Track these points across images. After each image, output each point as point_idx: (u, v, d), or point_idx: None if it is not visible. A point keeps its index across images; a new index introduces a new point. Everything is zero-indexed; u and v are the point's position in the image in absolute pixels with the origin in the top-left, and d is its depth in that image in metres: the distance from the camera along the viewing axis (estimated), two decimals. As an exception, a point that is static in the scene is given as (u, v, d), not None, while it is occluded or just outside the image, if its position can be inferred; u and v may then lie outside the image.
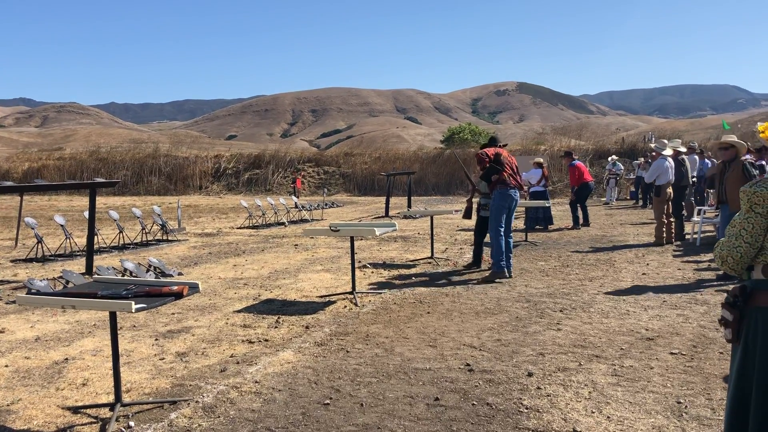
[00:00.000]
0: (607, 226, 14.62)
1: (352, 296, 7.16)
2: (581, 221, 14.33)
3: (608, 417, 3.74)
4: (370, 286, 7.89)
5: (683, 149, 12.18)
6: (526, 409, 3.90)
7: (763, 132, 2.91)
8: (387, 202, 18.75)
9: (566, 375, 4.49)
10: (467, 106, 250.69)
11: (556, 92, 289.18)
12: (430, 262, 9.66)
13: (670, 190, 11.09)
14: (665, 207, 11.15)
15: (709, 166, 15.42)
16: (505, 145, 8.64)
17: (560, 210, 17.66)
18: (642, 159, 21.20)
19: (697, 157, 15.39)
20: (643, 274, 8.37)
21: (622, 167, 24.31)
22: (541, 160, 15.14)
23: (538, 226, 13.90)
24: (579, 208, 14.38)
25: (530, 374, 4.51)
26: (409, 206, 18.98)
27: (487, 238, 8.61)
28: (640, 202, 20.83)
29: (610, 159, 23.89)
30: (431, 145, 51.63)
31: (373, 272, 8.93)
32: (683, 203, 12.04)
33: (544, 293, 7.28)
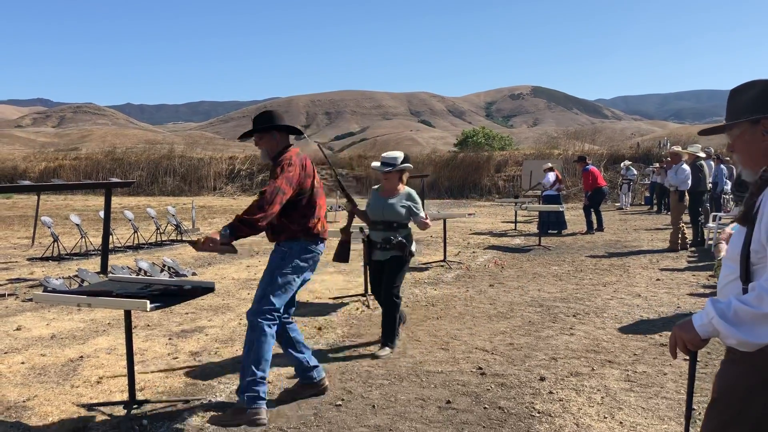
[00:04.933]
0: (621, 231, 14.54)
1: (364, 298, 7.17)
2: (595, 226, 14.26)
3: (621, 422, 3.73)
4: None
5: (702, 154, 12.09)
6: (538, 413, 3.90)
7: None
8: (400, 205, 18.72)
9: (579, 380, 4.48)
10: (481, 110, 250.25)
11: (571, 96, 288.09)
12: (442, 266, 9.65)
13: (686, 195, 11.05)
14: (683, 213, 11.11)
15: (725, 171, 15.30)
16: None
17: (574, 215, 17.58)
18: (657, 164, 21.07)
19: (713, 162, 15.28)
20: (657, 279, 8.32)
21: (636, 172, 24.16)
22: (550, 164, 15.08)
23: (551, 231, 13.84)
24: (593, 213, 14.32)
25: (542, 378, 4.50)
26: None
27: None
28: (655, 208, 20.70)
29: (623, 164, 23.76)
30: (445, 149, 51.57)
31: (385, 275, 8.93)
32: (700, 209, 11.95)
33: (557, 298, 7.26)
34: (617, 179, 24.72)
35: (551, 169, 14.52)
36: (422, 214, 5.24)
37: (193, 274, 8.97)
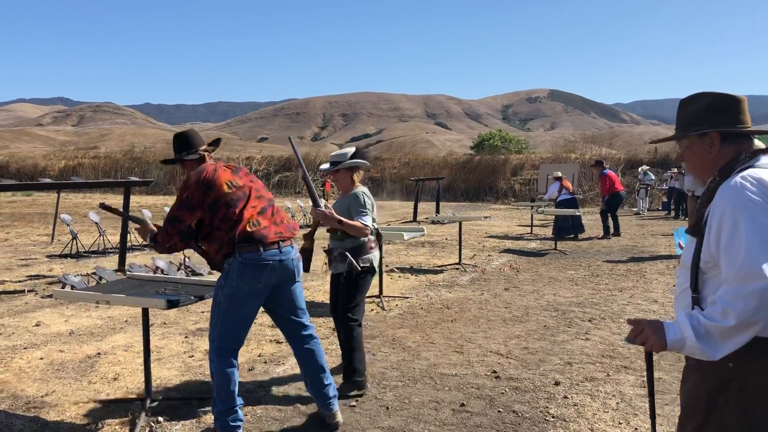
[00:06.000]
0: (638, 236, 14.43)
1: (379, 300, 7.18)
2: (612, 231, 14.16)
3: (636, 429, 3.71)
4: (398, 291, 7.90)
5: None
6: (553, 417, 3.88)
7: None
8: (415, 207, 18.76)
9: (594, 385, 4.45)
10: (498, 113, 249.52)
11: (589, 100, 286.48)
12: (457, 268, 9.64)
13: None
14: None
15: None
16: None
17: (590, 219, 17.48)
18: (675, 169, 20.89)
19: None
20: (674, 285, 8.24)
21: (653, 177, 23.98)
22: (559, 173, 14.96)
23: (568, 235, 13.77)
24: (609, 218, 14.22)
25: (557, 383, 4.49)
26: (438, 212, 18.97)
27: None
28: (672, 213, 20.53)
29: (640, 169, 23.59)
30: (461, 151, 51.47)
31: (400, 277, 8.95)
32: None
33: (572, 302, 7.22)
34: (635, 184, 24.53)
35: (558, 178, 14.41)
36: (360, 217, 4.27)
37: (210, 273, 9.03)
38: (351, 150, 4.59)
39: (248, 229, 3.44)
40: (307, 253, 4.42)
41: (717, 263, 1.85)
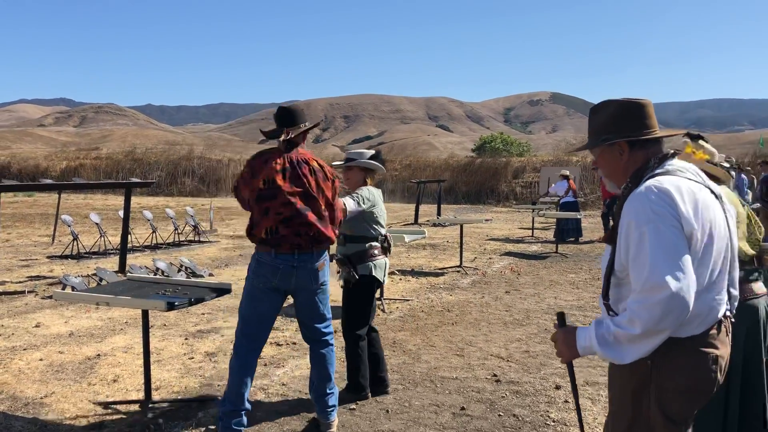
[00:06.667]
0: (639, 239, 14.39)
1: (380, 302, 7.16)
2: (613, 234, 14.12)
3: (637, 433, 3.69)
4: (398, 294, 7.89)
5: (725, 164, 11.90)
6: (553, 422, 3.87)
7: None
8: (417, 210, 18.74)
9: (595, 389, 4.44)
10: (499, 116, 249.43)
11: (590, 103, 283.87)
12: (458, 271, 9.62)
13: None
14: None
15: (746, 181, 15.13)
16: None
17: (592, 222, 17.46)
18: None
19: (734, 172, 15.10)
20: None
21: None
22: (567, 172, 14.99)
23: (570, 238, 13.75)
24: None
25: (558, 387, 4.47)
26: (439, 214, 18.95)
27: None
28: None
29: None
30: (462, 154, 51.44)
31: (401, 279, 8.93)
32: None
33: (573, 306, 7.21)
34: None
35: (566, 177, 14.42)
36: (346, 199, 4.03)
37: (210, 275, 9.02)
38: (370, 152, 4.50)
39: (263, 235, 3.46)
40: None
41: (629, 272, 1.92)
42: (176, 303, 3.62)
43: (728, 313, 2.02)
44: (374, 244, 4.21)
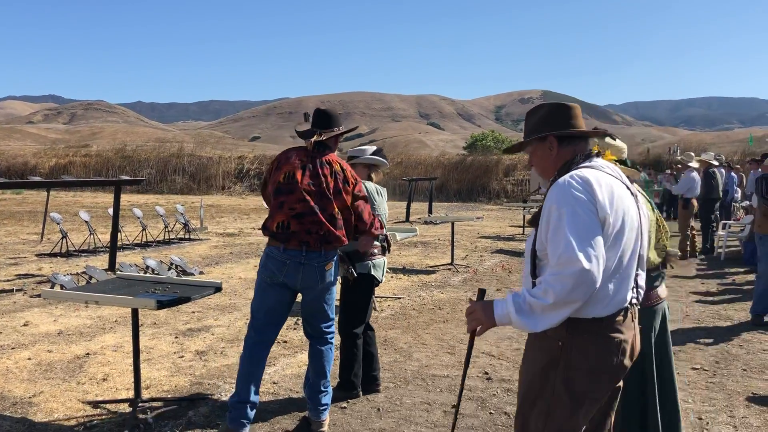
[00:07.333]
0: (629, 237, 14.46)
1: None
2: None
3: (627, 431, 3.69)
4: (390, 291, 7.88)
5: (715, 162, 11.98)
6: (544, 419, 3.87)
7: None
8: (408, 207, 18.74)
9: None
10: (491, 114, 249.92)
11: (581, 101, 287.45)
12: (450, 269, 9.63)
13: (695, 202, 10.98)
14: (690, 220, 11.05)
15: (735, 179, 15.20)
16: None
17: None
18: (668, 171, 20.97)
19: (724, 170, 15.18)
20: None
21: (647, 177, 24.04)
22: None
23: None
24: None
25: (549, 385, 4.48)
26: (430, 212, 18.96)
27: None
28: (664, 214, 20.60)
29: (634, 170, 23.63)
30: (453, 152, 51.51)
31: (392, 277, 8.93)
32: (712, 216, 11.87)
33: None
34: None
35: None
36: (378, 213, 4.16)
37: (200, 272, 8.98)
38: (371, 148, 4.55)
39: (274, 229, 3.53)
40: None
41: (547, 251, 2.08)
42: (166, 301, 3.60)
43: (634, 301, 2.17)
44: (374, 243, 4.18)
